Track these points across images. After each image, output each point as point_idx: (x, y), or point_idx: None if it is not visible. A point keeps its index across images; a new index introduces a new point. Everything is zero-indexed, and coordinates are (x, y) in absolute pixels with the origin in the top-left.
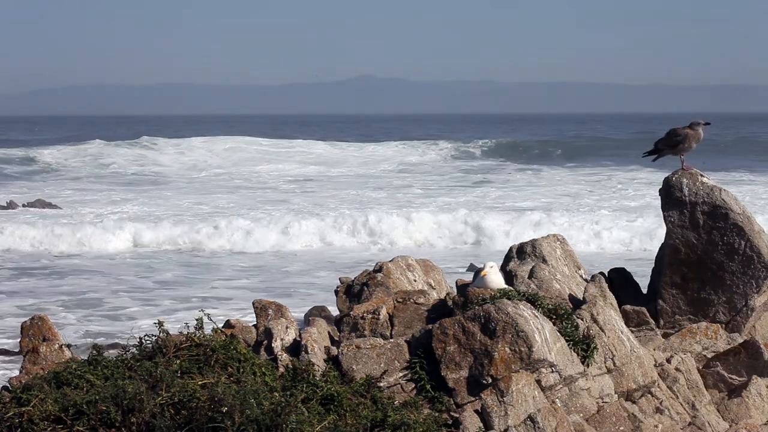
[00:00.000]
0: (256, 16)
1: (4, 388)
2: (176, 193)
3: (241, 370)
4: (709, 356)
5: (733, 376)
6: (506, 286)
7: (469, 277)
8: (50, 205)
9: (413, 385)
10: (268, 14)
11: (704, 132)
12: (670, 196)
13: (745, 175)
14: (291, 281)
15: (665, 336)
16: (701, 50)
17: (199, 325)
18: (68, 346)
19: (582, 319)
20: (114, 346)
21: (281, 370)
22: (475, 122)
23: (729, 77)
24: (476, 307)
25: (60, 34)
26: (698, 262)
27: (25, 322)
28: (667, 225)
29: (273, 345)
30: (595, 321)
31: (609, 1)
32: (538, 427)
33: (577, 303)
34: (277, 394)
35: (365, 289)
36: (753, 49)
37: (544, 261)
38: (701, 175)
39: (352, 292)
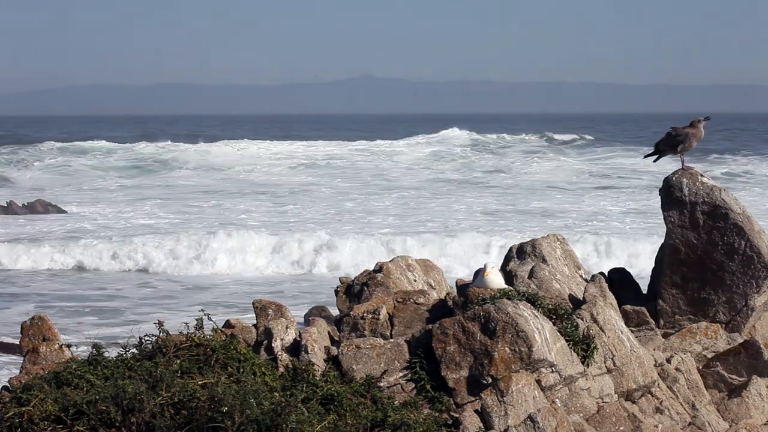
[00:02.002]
0: (256, 16)
1: (4, 388)
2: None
3: (241, 370)
4: (709, 356)
5: (733, 376)
6: (506, 286)
7: (469, 277)
8: (52, 206)
9: (413, 385)
10: (268, 14)
11: (705, 128)
12: (669, 195)
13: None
14: None
15: (665, 336)
16: (701, 50)
17: (199, 325)
18: (68, 346)
19: (582, 319)
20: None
21: (281, 370)
22: (488, 122)
23: (729, 77)
24: (476, 307)
25: (60, 34)
26: (698, 262)
27: (25, 322)
28: (667, 225)
29: (273, 345)
30: (595, 321)
31: (609, 1)
32: (538, 427)
33: (577, 303)
34: (277, 394)
35: (365, 289)
36: (754, 49)
37: (544, 261)
38: (701, 175)
39: (352, 292)
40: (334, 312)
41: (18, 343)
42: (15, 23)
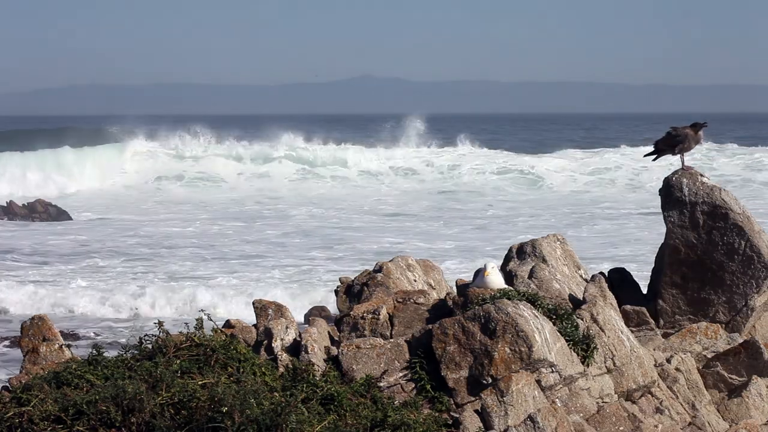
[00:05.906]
0: (256, 15)
1: (4, 388)
2: None
3: (241, 370)
4: (709, 356)
5: (733, 376)
6: (506, 286)
7: (469, 277)
8: (52, 207)
9: (413, 385)
10: (268, 14)
11: (702, 134)
12: (669, 196)
13: None
14: None
15: (665, 336)
16: (701, 50)
17: (199, 325)
18: (68, 346)
19: (582, 319)
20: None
21: (281, 370)
22: (498, 122)
23: (729, 77)
24: (476, 307)
25: (60, 34)
26: (698, 262)
27: (25, 322)
28: (667, 225)
29: (273, 345)
30: (595, 321)
31: (609, 1)
32: (538, 427)
33: (577, 303)
34: (277, 394)
35: (365, 289)
36: (753, 49)
37: (544, 261)
38: (701, 175)
39: (352, 292)
40: (334, 312)
41: None
42: (15, 23)
